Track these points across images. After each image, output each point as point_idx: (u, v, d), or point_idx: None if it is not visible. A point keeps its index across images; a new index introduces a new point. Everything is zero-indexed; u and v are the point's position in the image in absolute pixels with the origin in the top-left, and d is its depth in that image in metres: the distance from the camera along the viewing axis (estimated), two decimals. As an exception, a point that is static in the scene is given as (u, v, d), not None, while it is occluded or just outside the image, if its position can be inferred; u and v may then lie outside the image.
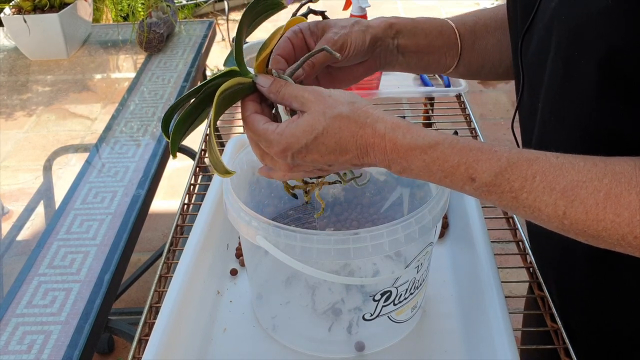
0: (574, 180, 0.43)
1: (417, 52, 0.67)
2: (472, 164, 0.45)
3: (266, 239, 0.57)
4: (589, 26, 0.47)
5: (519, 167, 0.44)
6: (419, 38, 0.66)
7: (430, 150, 0.46)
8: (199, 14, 3.90)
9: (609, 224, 0.42)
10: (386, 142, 0.47)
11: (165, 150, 1.20)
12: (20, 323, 0.80)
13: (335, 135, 0.48)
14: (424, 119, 1.27)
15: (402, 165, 0.47)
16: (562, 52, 0.52)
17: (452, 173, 0.46)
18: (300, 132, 0.48)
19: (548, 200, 0.43)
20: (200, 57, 1.59)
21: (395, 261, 0.71)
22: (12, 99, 1.44)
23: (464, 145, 0.46)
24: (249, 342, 0.69)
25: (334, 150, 0.48)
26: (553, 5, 0.53)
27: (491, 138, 2.68)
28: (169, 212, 2.25)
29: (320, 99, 0.49)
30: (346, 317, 0.65)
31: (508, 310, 0.63)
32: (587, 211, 0.42)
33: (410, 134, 0.47)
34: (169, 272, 0.77)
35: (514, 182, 0.44)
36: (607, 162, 0.44)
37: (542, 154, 0.45)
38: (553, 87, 0.55)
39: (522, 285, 0.78)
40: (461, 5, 4.44)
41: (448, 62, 0.70)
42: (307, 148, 0.48)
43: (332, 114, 0.48)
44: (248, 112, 0.52)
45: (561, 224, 0.44)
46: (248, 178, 0.71)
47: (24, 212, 1.05)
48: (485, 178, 0.45)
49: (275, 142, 0.49)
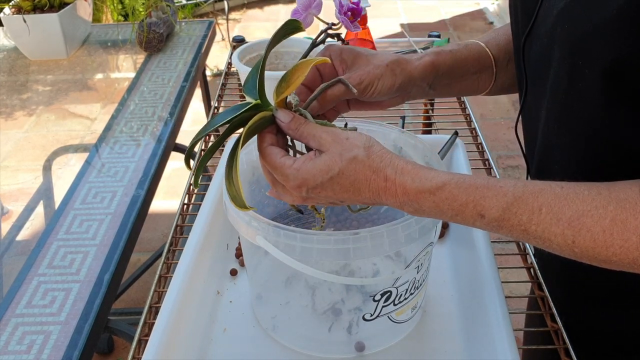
0: (580, 210, 0.44)
1: (450, 84, 0.68)
2: (479, 201, 0.47)
3: (266, 239, 0.57)
4: (594, 35, 0.48)
5: (525, 201, 0.45)
6: (455, 71, 0.67)
7: (439, 192, 0.47)
8: (198, 13, 3.90)
9: (618, 249, 0.43)
10: (396, 187, 0.48)
11: (165, 150, 1.20)
12: (20, 323, 0.80)
13: (350, 177, 0.49)
14: (424, 119, 1.27)
15: (414, 207, 0.49)
16: (566, 60, 0.52)
17: (461, 211, 0.47)
18: (317, 170, 0.49)
19: (556, 231, 0.45)
20: (200, 57, 1.59)
21: (396, 261, 0.71)
22: (11, 99, 1.44)
23: (471, 183, 0.47)
24: (249, 342, 0.69)
25: (348, 190, 0.50)
26: (555, 12, 0.53)
27: (491, 138, 2.68)
28: (169, 212, 2.25)
29: (337, 141, 0.50)
30: (346, 317, 0.65)
31: (508, 310, 0.62)
32: (594, 239, 0.43)
33: (419, 177, 0.48)
34: (168, 272, 0.77)
35: (521, 216, 0.45)
36: (611, 190, 0.44)
37: (547, 185, 0.46)
38: (557, 94, 0.55)
39: (523, 285, 0.78)
40: (461, 5, 4.44)
41: (481, 86, 0.71)
42: (322, 186, 0.50)
43: (348, 156, 0.49)
44: (265, 143, 0.53)
45: (572, 252, 0.45)
46: (248, 178, 0.71)
47: (23, 212, 1.05)
48: (493, 214, 0.46)
49: (292, 177, 0.50)
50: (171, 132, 1.25)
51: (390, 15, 4.21)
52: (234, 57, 0.96)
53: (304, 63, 0.53)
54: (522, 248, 0.80)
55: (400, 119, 1.00)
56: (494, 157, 2.57)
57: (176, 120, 1.30)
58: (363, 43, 1.05)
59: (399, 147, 0.71)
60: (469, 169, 0.84)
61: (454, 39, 3.78)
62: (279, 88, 0.53)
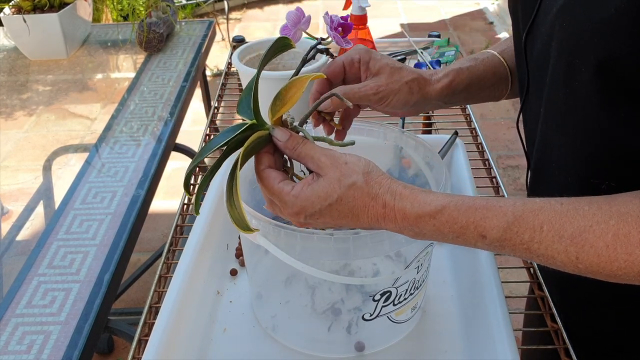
0: (581, 226, 0.44)
1: (466, 98, 0.69)
2: (480, 222, 0.46)
3: (266, 238, 0.57)
4: (593, 33, 0.48)
5: (525, 219, 0.45)
6: (472, 87, 0.67)
7: (439, 215, 0.47)
8: (198, 13, 3.90)
9: (623, 263, 0.42)
10: (396, 213, 0.48)
11: (165, 150, 1.20)
12: (20, 323, 0.80)
13: (349, 203, 0.49)
14: (424, 119, 1.27)
15: (414, 231, 0.49)
16: (564, 58, 0.52)
17: (463, 233, 0.47)
18: (315, 197, 0.49)
19: (559, 248, 0.44)
20: (200, 57, 1.59)
21: (395, 261, 0.71)
22: (11, 99, 1.44)
23: (470, 205, 0.47)
24: (249, 342, 0.69)
25: (346, 216, 0.50)
26: (555, 10, 0.53)
27: (491, 138, 2.68)
28: (169, 212, 2.25)
29: (336, 166, 0.49)
30: (346, 317, 0.65)
31: (508, 310, 0.62)
32: (598, 254, 0.43)
33: (417, 202, 0.48)
34: (168, 272, 0.77)
35: (523, 235, 0.45)
36: (612, 204, 0.44)
37: (547, 202, 0.46)
38: (555, 92, 0.55)
39: (523, 285, 0.78)
40: (461, 5, 4.44)
41: (497, 95, 0.71)
42: (321, 212, 0.49)
43: (347, 182, 0.49)
44: (262, 166, 0.52)
45: (577, 269, 0.45)
46: (248, 178, 0.71)
47: (23, 212, 1.05)
48: (494, 234, 0.46)
49: (290, 204, 0.50)
50: (171, 132, 1.25)
51: (390, 15, 4.21)
52: (234, 57, 0.97)
53: (298, 80, 0.52)
54: (522, 248, 0.80)
55: (400, 119, 1.00)
56: (494, 157, 2.57)
57: (176, 120, 1.30)
58: (363, 43, 1.05)
59: (399, 147, 0.71)
60: (469, 169, 0.84)
61: (454, 39, 3.78)
62: (273, 107, 0.52)
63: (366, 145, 0.68)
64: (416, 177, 0.71)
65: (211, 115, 1.12)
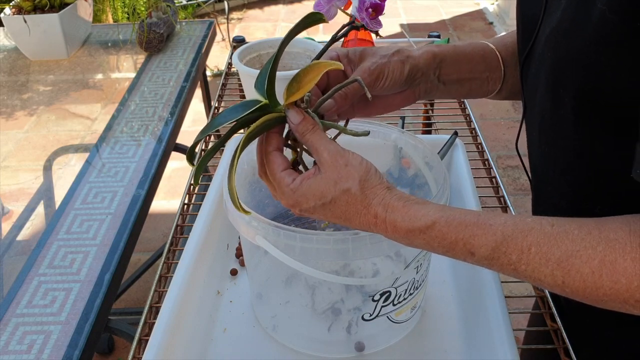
0: (569, 250, 0.43)
1: (459, 80, 0.67)
2: (469, 239, 0.46)
3: (266, 238, 0.57)
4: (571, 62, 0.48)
5: (514, 240, 0.45)
6: (462, 65, 0.66)
7: (428, 231, 0.47)
8: (199, 14, 3.91)
9: (608, 290, 0.42)
10: (387, 225, 0.49)
11: (165, 150, 1.20)
12: (20, 323, 0.80)
13: (341, 207, 0.50)
14: (424, 119, 1.27)
15: (405, 242, 0.49)
16: (550, 85, 0.53)
17: (452, 248, 0.47)
18: (310, 194, 0.50)
19: (545, 271, 0.44)
20: (200, 57, 1.59)
21: (395, 261, 0.71)
22: (12, 99, 1.44)
23: (461, 221, 0.47)
24: (249, 342, 0.69)
25: (339, 217, 0.50)
26: (544, 38, 0.54)
27: (491, 138, 2.68)
28: (169, 212, 2.25)
29: (335, 166, 0.49)
30: (345, 317, 0.65)
31: (508, 310, 0.63)
32: (584, 280, 0.43)
33: (408, 216, 0.48)
34: (169, 272, 0.77)
35: (510, 255, 0.45)
36: (602, 229, 0.43)
37: (537, 224, 0.45)
38: (544, 119, 0.56)
39: (523, 285, 0.78)
40: (461, 5, 4.44)
41: (490, 87, 0.70)
42: (314, 209, 0.50)
43: (342, 187, 0.49)
44: (271, 147, 0.53)
45: (564, 292, 0.44)
46: (248, 178, 0.71)
47: (24, 212, 1.05)
48: (483, 252, 0.46)
49: (287, 196, 0.51)
50: (171, 132, 1.26)
51: (390, 15, 4.21)
52: (234, 58, 0.97)
53: (317, 65, 0.52)
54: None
55: (400, 119, 1.00)
56: (493, 157, 2.57)
57: (176, 120, 1.30)
58: (363, 43, 1.05)
59: (399, 147, 0.71)
60: (468, 169, 0.84)
61: (454, 39, 3.78)
62: (290, 88, 0.52)
63: (366, 145, 0.68)
64: (415, 177, 0.71)
65: (211, 115, 1.12)
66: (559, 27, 0.51)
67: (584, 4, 0.47)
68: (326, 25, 3.68)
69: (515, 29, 0.67)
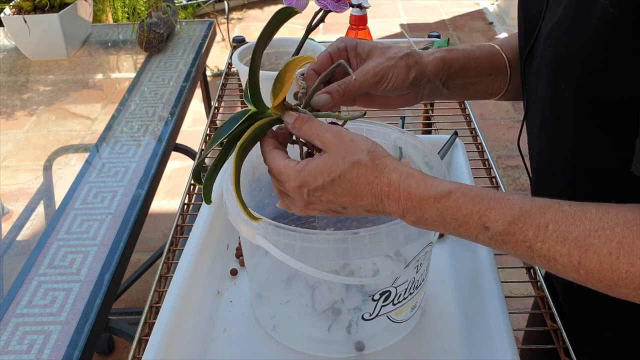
0: (587, 229, 0.42)
1: (464, 85, 0.66)
2: (485, 212, 0.45)
3: (266, 238, 0.57)
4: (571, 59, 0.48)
5: (532, 216, 0.44)
6: (469, 71, 0.66)
7: (444, 199, 0.46)
8: (199, 14, 3.91)
9: (624, 273, 0.41)
10: (400, 192, 0.47)
11: (165, 150, 1.20)
12: (20, 323, 0.80)
13: (352, 180, 0.48)
14: (424, 119, 1.27)
15: (416, 215, 0.48)
16: (551, 82, 0.53)
17: (465, 222, 0.46)
18: (318, 172, 0.49)
19: (562, 250, 0.43)
20: (200, 57, 1.59)
21: (395, 261, 0.71)
22: (12, 99, 1.44)
23: (477, 193, 0.46)
24: (249, 342, 0.69)
25: (349, 194, 0.49)
26: (545, 34, 0.54)
27: (491, 138, 2.68)
28: (169, 212, 2.25)
29: (341, 143, 0.49)
30: (345, 316, 0.65)
31: (508, 311, 0.63)
32: (601, 261, 0.42)
33: (424, 183, 0.47)
34: (169, 272, 0.77)
35: (527, 231, 0.44)
36: (619, 210, 0.43)
37: (556, 202, 0.44)
38: (545, 115, 0.56)
39: (523, 285, 0.78)
40: (461, 5, 4.44)
41: (495, 89, 0.69)
42: (324, 188, 0.49)
43: (351, 160, 0.48)
44: (268, 147, 0.52)
45: (577, 274, 0.43)
46: (248, 178, 0.71)
47: (24, 212, 1.05)
48: (498, 227, 0.45)
49: (293, 178, 0.49)
50: (172, 132, 1.26)
51: (390, 15, 4.21)
52: (234, 58, 0.97)
53: (293, 61, 0.53)
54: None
55: (400, 119, 1.00)
56: (493, 157, 2.57)
57: (176, 120, 1.30)
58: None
59: (399, 147, 0.71)
60: (468, 169, 0.84)
61: (454, 39, 3.78)
62: (274, 90, 0.52)
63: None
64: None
65: (211, 116, 1.12)
66: (560, 23, 0.50)
67: (585, 2, 0.47)
68: (326, 25, 3.68)
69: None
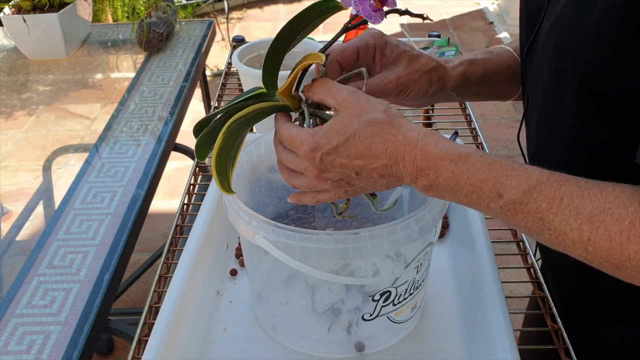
0: (601, 206, 0.42)
1: (479, 93, 0.67)
2: (501, 178, 0.44)
3: (266, 238, 0.56)
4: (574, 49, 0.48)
5: (548, 187, 0.43)
6: (486, 80, 0.66)
7: (461, 161, 0.45)
8: (198, 13, 3.91)
9: (632, 254, 0.41)
10: (417, 150, 0.46)
11: (165, 150, 1.20)
12: (20, 323, 0.80)
13: (367, 139, 0.47)
14: (424, 118, 1.27)
15: (430, 178, 0.46)
16: (552, 73, 0.53)
17: (479, 187, 0.45)
18: (332, 132, 0.47)
19: (574, 224, 0.42)
20: (200, 57, 1.59)
21: (395, 261, 0.71)
22: (11, 99, 1.44)
23: (495, 160, 0.45)
24: (249, 342, 0.69)
25: (363, 155, 0.47)
26: (548, 26, 0.54)
27: (491, 138, 2.68)
28: (169, 212, 2.25)
29: (357, 101, 0.48)
30: (345, 317, 0.65)
31: (508, 311, 0.62)
32: (611, 238, 0.41)
33: (442, 143, 0.46)
34: (168, 272, 0.77)
35: (541, 202, 0.43)
36: (635, 189, 0.42)
37: (572, 177, 0.44)
38: (545, 107, 0.56)
39: (523, 285, 0.78)
40: (461, 4, 4.44)
41: (509, 92, 0.69)
42: (337, 150, 0.47)
43: (367, 118, 0.47)
44: (282, 120, 0.52)
45: (585, 251, 0.43)
46: (248, 178, 0.71)
47: (23, 212, 1.05)
48: (513, 195, 0.44)
49: (307, 142, 0.48)
50: (171, 132, 1.25)
51: (390, 14, 4.21)
52: (234, 57, 0.96)
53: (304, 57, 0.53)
54: (523, 248, 0.80)
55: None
56: (494, 157, 2.56)
57: (176, 120, 1.30)
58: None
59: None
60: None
61: (454, 39, 3.78)
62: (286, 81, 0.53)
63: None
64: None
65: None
66: (563, 15, 0.50)
67: None
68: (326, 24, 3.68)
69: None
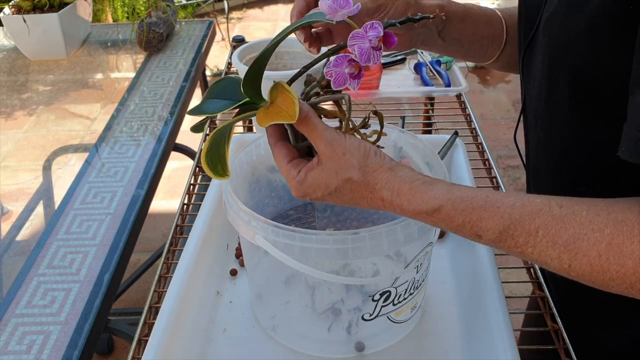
0: (576, 233, 0.42)
1: (460, 40, 0.67)
2: (476, 222, 0.46)
3: (265, 238, 0.56)
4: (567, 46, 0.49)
5: (522, 223, 0.45)
6: (466, 25, 0.66)
7: (435, 213, 0.48)
8: (198, 13, 3.90)
9: (614, 274, 0.41)
10: (394, 207, 0.50)
11: (165, 150, 1.20)
12: (20, 323, 0.80)
13: (348, 194, 0.51)
14: (424, 118, 1.27)
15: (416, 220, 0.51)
16: (546, 70, 0.53)
17: (459, 230, 0.48)
18: (316, 185, 0.51)
19: (552, 254, 0.43)
20: (200, 57, 1.59)
21: (395, 261, 0.71)
22: (11, 99, 1.44)
23: (467, 205, 0.47)
24: (249, 342, 0.69)
25: (348, 202, 0.52)
26: (543, 24, 0.54)
27: (491, 138, 2.68)
28: (169, 212, 2.25)
29: (333, 157, 0.50)
30: (345, 317, 0.65)
31: (508, 311, 0.62)
32: (591, 263, 0.42)
33: (415, 200, 0.48)
34: (168, 272, 0.77)
35: (518, 238, 0.45)
36: (611, 210, 0.42)
37: (546, 205, 0.45)
38: (540, 104, 0.56)
39: (523, 285, 0.78)
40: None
41: (489, 52, 0.70)
42: (324, 198, 0.52)
43: (344, 176, 0.50)
44: (273, 139, 0.54)
45: (570, 276, 0.44)
46: (248, 178, 0.71)
47: (23, 212, 1.05)
48: (490, 235, 0.46)
49: (295, 188, 0.52)
50: (171, 132, 1.25)
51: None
52: (234, 57, 0.96)
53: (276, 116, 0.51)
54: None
55: (400, 118, 1.00)
56: (494, 157, 2.56)
57: (176, 120, 1.30)
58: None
59: (399, 147, 0.71)
60: (469, 169, 0.84)
61: (454, 39, 3.78)
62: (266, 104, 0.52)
63: (366, 145, 0.68)
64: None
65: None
66: (556, 12, 0.51)
67: None
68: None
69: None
